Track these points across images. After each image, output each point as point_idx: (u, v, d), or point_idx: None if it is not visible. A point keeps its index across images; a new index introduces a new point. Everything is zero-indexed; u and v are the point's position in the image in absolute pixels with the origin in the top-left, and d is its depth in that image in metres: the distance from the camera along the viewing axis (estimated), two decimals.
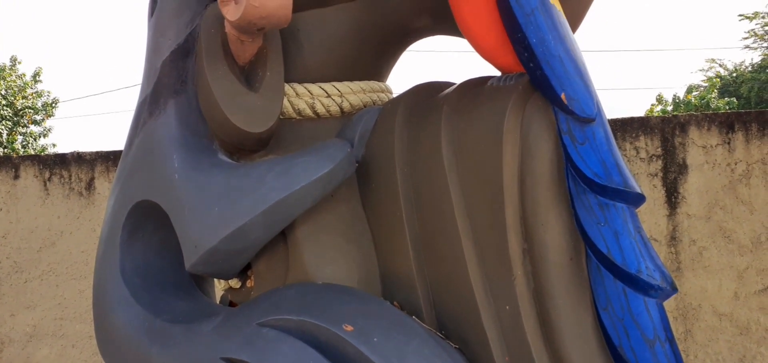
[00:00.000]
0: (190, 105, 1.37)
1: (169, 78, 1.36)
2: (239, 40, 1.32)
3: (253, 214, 1.25)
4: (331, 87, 1.52)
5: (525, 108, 1.24)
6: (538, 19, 1.20)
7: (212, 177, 1.31)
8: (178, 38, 1.35)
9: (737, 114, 3.26)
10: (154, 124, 1.38)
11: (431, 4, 1.50)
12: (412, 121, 1.40)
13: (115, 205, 1.45)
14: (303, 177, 1.29)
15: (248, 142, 1.38)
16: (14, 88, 12.08)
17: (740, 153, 3.21)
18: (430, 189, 1.33)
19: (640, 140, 3.25)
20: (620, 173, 1.19)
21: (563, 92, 1.20)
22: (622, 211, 1.19)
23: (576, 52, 1.24)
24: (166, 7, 1.36)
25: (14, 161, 3.60)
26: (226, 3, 1.24)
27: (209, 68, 1.32)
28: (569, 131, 1.22)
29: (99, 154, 3.59)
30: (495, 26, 1.27)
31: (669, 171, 3.25)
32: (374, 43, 1.58)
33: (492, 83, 1.33)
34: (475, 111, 1.29)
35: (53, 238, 3.64)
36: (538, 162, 1.22)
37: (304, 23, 1.45)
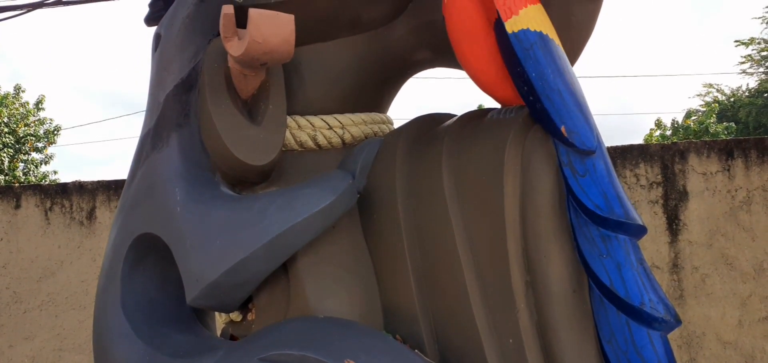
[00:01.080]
0: (192, 138, 1.38)
1: (172, 111, 1.37)
2: (242, 74, 1.34)
3: (255, 247, 1.25)
4: (332, 119, 1.53)
5: (525, 140, 1.25)
6: (537, 53, 1.21)
7: (214, 210, 1.31)
8: (181, 72, 1.37)
9: (736, 141, 3.27)
10: (156, 156, 1.38)
11: (431, 38, 1.52)
12: (413, 152, 1.41)
13: (117, 237, 1.45)
14: (305, 209, 1.29)
15: (250, 175, 1.39)
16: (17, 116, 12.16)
17: (740, 180, 3.22)
18: (431, 221, 1.33)
19: (640, 167, 3.26)
20: (621, 205, 1.19)
21: (563, 125, 1.21)
22: (624, 243, 1.19)
23: (575, 86, 1.25)
24: (170, 42, 1.38)
25: (15, 191, 3.60)
26: (229, 39, 1.26)
27: (212, 102, 1.33)
28: (570, 163, 1.22)
29: (100, 183, 3.60)
30: (494, 60, 1.28)
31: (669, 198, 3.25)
32: (375, 76, 1.59)
33: (492, 116, 1.34)
34: (475, 143, 1.30)
35: (53, 267, 3.63)
36: (539, 194, 1.23)
37: (306, 57, 1.47)
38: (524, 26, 1.21)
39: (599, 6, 1.39)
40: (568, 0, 1.32)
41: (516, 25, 1.21)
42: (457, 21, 1.30)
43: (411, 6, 1.54)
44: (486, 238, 1.25)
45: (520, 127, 1.25)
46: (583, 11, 1.36)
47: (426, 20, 1.52)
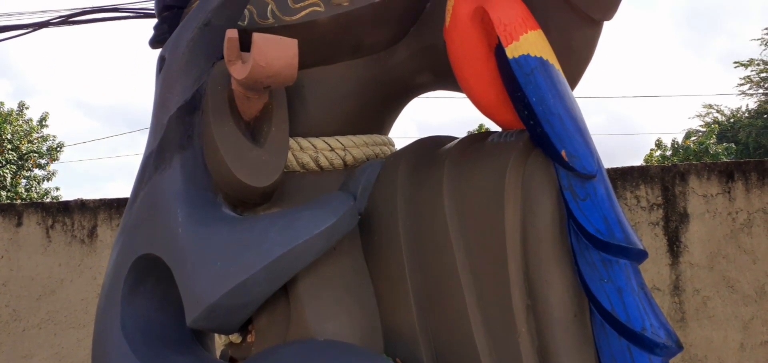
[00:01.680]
0: (195, 160, 1.38)
1: (175, 133, 1.38)
2: (245, 97, 1.35)
3: (256, 269, 1.25)
4: (334, 141, 1.54)
5: (526, 164, 1.26)
6: (538, 78, 1.22)
7: (215, 231, 1.31)
8: (185, 94, 1.38)
9: (736, 163, 3.28)
10: (159, 178, 1.39)
11: (432, 62, 1.54)
12: (414, 175, 1.42)
13: (118, 257, 1.45)
14: (306, 231, 1.30)
15: (252, 196, 1.40)
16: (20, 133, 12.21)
17: (741, 202, 3.22)
18: (432, 244, 1.33)
19: (641, 189, 3.26)
20: (622, 230, 1.20)
21: (563, 149, 1.21)
22: (625, 267, 1.19)
23: (575, 110, 1.26)
24: (174, 64, 1.39)
25: (17, 208, 3.61)
26: (233, 62, 1.27)
27: (215, 124, 1.34)
28: (570, 187, 1.23)
29: (102, 201, 3.60)
30: (495, 84, 1.30)
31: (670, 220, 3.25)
32: (377, 99, 1.61)
33: (493, 139, 1.35)
34: (476, 167, 1.31)
35: (53, 286, 3.62)
36: (540, 218, 1.23)
37: (309, 80, 1.48)
38: (525, 52, 1.23)
39: (599, 31, 1.40)
40: (568, 25, 1.34)
41: (517, 50, 1.23)
42: (459, 46, 1.32)
43: (412, 30, 1.56)
44: (487, 262, 1.25)
45: (521, 151, 1.26)
46: (583, 36, 1.38)
47: (427, 44, 1.54)
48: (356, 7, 1.43)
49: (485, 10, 1.24)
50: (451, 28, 1.32)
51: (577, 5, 1.31)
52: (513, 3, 1.27)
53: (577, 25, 1.35)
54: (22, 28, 5.13)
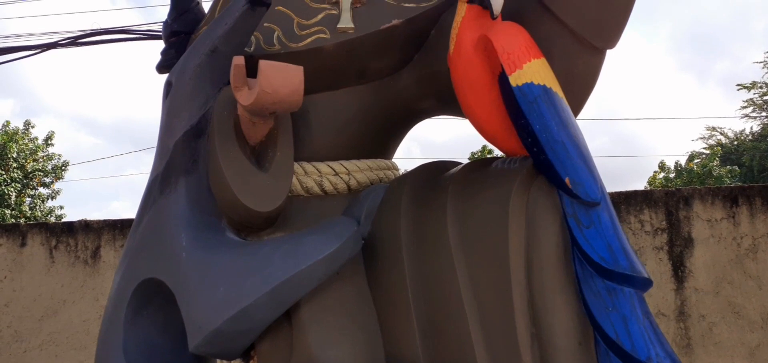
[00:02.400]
0: (200, 184, 1.39)
1: (181, 158, 1.39)
2: (251, 122, 1.36)
3: (259, 295, 1.25)
4: (338, 165, 1.55)
5: (530, 191, 1.26)
6: (541, 106, 1.23)
7: (219, 256, 1.31)
8: (191, 119, 1.39)
9: (741, 188, 3.27)
10: (164, 202, 1.40)
11: (436, 88, 1.55)
12: (418, 200, 1.42)
13: (122, 281, 1.45)
14: (309, 256, 1.29)
15: (256, 221, 1.40)
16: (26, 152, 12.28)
17: (746, 227, 3.20)
18: (436, 269, 1.32)
19: (645, 213, 3.25)
20: (627, 258, 1.19)
21: (567, 176, 1.21)
22: (630, 296, 1.19)
23: (579, 138, 1.26)
24: (181, 89, 1.41)
25: (21, 229, 3.61)
26: (239, 88, 1.29)
27: (221, 149, 1.35)
28: (574, 215, 1.23)
29: (106, 222, 3.61)
30: (499, 112, 1.30)
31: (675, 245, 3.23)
32: (381, 123, 1.62)
33: (496, 165, 1.35)
34: (480, 193, 1.31)
35: (56, 306, 3.61)
36: (544, 245, 1.23)
37: (314, 105, 1.49)
38: (528, 80, 1.24)
39: (602, 59, 1.41)
40: (572, 53, 1.35)
41: (520, 78, 1.23)
42: (462, 73, 1.33)
43: (417, 57, 1.58)
44: (491, 289, 1.24)
45: (525, 178, 1.26)
46: (586, 64, 1.39)
47: (431, 71, 1.55)
48: (361, 34, 1.45)
49: (489, 39, 1.26)
50: (455, 55, 1.33)
51: (580, 34, 1.32)
52: (516, 32, 1.28)
53: (580, 53, 1.36)
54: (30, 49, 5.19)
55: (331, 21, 1.46)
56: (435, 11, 1.53)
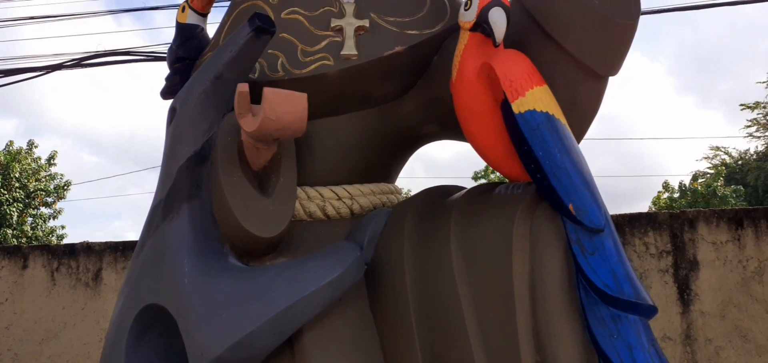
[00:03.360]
0: (203, 209, 1.39)
1: (184, 183, 1.39)
2: (255, 148, 1.37)
3: (261, 321, 1.24)
4: (341, 190, 1.55)
5: (533, 217, 1.25)
6: (544, 133, 1.23)
7: (221, 282, 1.31)
8: (195, 145, 1.39)
9: (745, 211, 3.26)
10: (166, 227, 1.40)
11: (439, 114, 1.56)
12: (421, 226, 1.41)
13: (123, 307, 1.44)
14: (312, 282, 1.29)
15: (259, 246, 1.39)
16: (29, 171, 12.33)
17: (751, 250, 3.18)
18: (440, 296, 1.32)
19: (649, 236, 3.24)
20: (631, 285, 1.18)
21: (571, 203, 1.21)
22: (635, 323, 1.18)
23: (582, 164, 1.26)
24: (185, 115, 1.41)
25: (23, 251, 3.61)
26: (243, 115, 1.29)
27: (224, 175, 1.35)
28: (578, 241, 1.22)
29: (108, 244, 3.61)
30: (502, 138, 1.30)
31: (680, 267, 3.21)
32: (384, 148, 1.62)
33: (500, 191, 1.35)
34: (484, 219, 1.31)
35: (56, 329, 3.59)
36: (548, 272, 1.22)
37: (317, 130, 1.50)
38: (531, 107, 1.24)
39: (604, 86, 1.42)
40: (574, 80, 1.35)
41: (522, 106, 1.24)
42: (465, 100, 1.33)
43: (419, 82, 1.59)
44: (495, 315, 1.23)
45: (528, 204, 1.26)
46: (588, 91, 1.39)
47: (433, 96, 1.55)
48: (365, 60, 1.46)
49: (491, 66, 1.26)
50: (458, 82, 1.34)
51: (582, 61, 1.32)
52: (519, 59, 1.29)
53: (583, 80, 1.36)
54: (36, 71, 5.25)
55: (335, 48, 1.47)
56: (437, 38, 1.54)
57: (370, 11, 1.51)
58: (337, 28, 1.49)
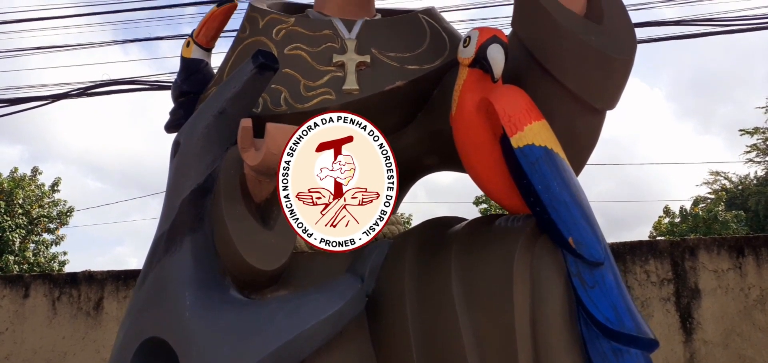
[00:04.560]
0: (206, 242, 1.40)
1: (187, 216, 1.41)
2: (257, 180, 1.38)
3: (262, 355, 1.24)
4: None
5: (534, 250, 1.26)
6: (543, 167, 1.25)
7: (223, 315, 1.31)
8: (198, 178, 1.41)
9: (746, 239, 3.26)
10: (169, 260, 1.40)
11: (439, 146, 1.57)
12: (422, 258, 1.42)
13: (125, 339, 1.44)
14: (313, 316, 1.29)
15: (261, 279, 1.40)
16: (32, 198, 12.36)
17: (753, 278, 3.17)
18: (440, 329, 1.31)
19: (650, 264, 3.23)
20: (632, 319, 1.19)
21: (571, 236, 1.22)
22: (637, 357, 1.18)
23: (581, 198, 1.27)
24: (189, 149, 1.43)
25: (25, 280, 3.61)
26: (246, 149, 1.31)
27: (226, 208, 1.36)
28: (579, 274, 1.23)
29: (110, 273, 3.60)
30: (501, 171, 1.32)
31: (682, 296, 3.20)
32: None
33: (500, 223, 1.36)
34: (484, 251, 1.31)
35: (56, 359, 3.57)
36: (549, 305, 1.22)
37: None
38: (529, 142, 1.26)
39: (602, 119, 1.44)
40: (572, 114, 1.37)
41: (521, 140, 1.26)
42: (465, 134, 1.35)
43: (420, 115, 1.61)
44: (496, 349, 1.23)
45: (529, 237, 1.27)
46: (586, 125, 1.41)
47: (434, 129, 1.57)
48: (366, 95, 1.49)
49: (490, 102, 1.28)
50: (458, 116, 1.36)
51: (580, 96, 1.34)
52: (517, 95, 1.31)
53: (581, 114, 1.38)
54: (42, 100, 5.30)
55: (337, 83, 1.49)
56: (437, 73, 1.57)
57: (371, 47, 1.54)
58: (338, 63, 1.51)
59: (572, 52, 1.32)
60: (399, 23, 1.65)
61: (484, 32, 1.30)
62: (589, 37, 1.32)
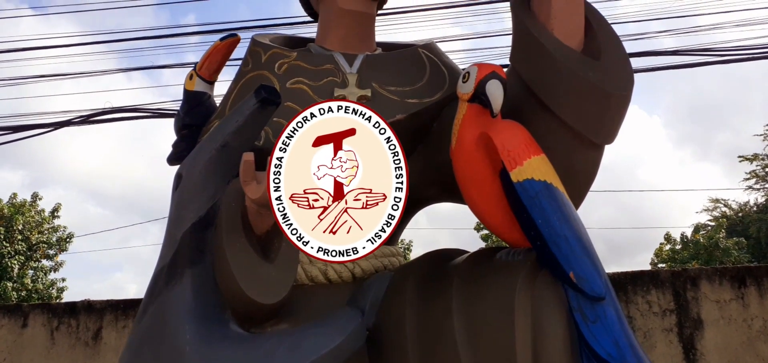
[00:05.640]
0: (206, 275, 1.40)
1: (188, 249, 1.41)
2: (258, 213, 1.39)
3: None
4: None
5: (535, 285, 1.26)
6: (543, 202, 1.25)
7: (222, 350, 1.30)
8: (199, 211, 1.41)
9: (748, 268, 3.24)
10: (169, 293, 1.40)
11: (439, 178, 1.58)
12: (423, 291, 1.42)
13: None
14: (313, 351, 1.28)
15: (261, 313, 1.40)
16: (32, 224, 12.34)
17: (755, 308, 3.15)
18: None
19: (652, 294, 3.21)
20: (634, 354, 1.18)
21: (572, 271, 1.22)
22: None
23: (581, 232, 1.28)
24: (191, 182, 1.44)
25: (24, 309, 3.59)
26: (248, 182, 1.32)
27: (228, 241, 1.37)
28: (580, 309, 1.23)
29: (109, 302, 3.58)
30: (501, 205, 1.32)
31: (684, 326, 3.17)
32: None
33: (501, 257, 1.36)
34: (485, 286, 1.31)
35: None
36: (551, 340, 1.21)
37: None
38: (529, 176, 1.26)
39: (601, 153, 1.45)
40: (570, 149, 1.38)
41: (521, 175, 1.26)
42: (464, 167, 1.36)
43: (420, 148, 1.62)
44: None
45: (530, 271, 1.26)
46: (585, 159, 1.42)
47: (433, 161, 1.58)
48: None
49: (489, 137, 1.29)
50: (457, 150, 1.37)
51: (578, 130, 1.36)
52: (516, 129, 1.32)
53: (579, 149, 1.39)
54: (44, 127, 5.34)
55: None
56: (436, 106, 1.58)
57: (371, 81, 1.56)
58: (340, 97, 1.53)
59: (570, 87, 1.34)
60: (399, 58, 1.67)
61: (483, 68, 1.32)
62: (587, 72, 1.34)
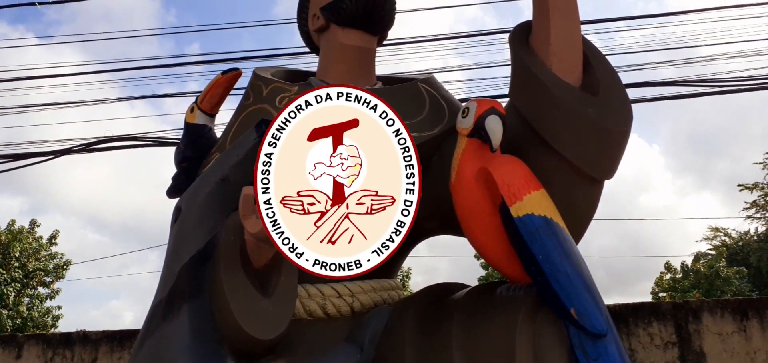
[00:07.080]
0: (204, 310, 1.38)
1: (186, 283, 1.40)
2: (257, 247, 1.38)
3: None
4: (342, 287, 1.55)
5: (535, 321, 1.25)
6: (543, 237, 1.25)
7: None
8: (198, 245, 1.41)
9: (749, 301, 3.22)
10: (166, 328, 1.38)
11: (439, 211, 1.58)
12: (423, 327, 1.40)
13: None
14: None
15: (258, 348, 1.38)
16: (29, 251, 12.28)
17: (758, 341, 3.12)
18: None
19: (653, 327, 3.19)
20: None
21: (573, 307, 1.21)
22: None
23: (582, 268, 1.27)
24: (190, 215, 1.44)
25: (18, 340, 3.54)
26: (247, 216, 1.32)
27: (226, 277, 1.36)
28: (581, 346, 1.21)
29: (105, 333, 3.54)
30: (502, 240, 1.32)
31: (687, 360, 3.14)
32: None
33: (501, 292, 1.35)
34: (486, 322, 1.30)
35: None
36: None
37: None
38: (529, 211, 1.26)
39: (600, 188, 1.45)
40: (570, 184, 1.39)
41: (520, 210, 1.26)
42: (464, 201, 1.36)
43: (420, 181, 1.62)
44: None
45: (530, 308, 1.26)
46: (585, 194, 1.42)
47: (433, 194, 1.58)
48: None
49: (489, 171, 1.30)
50: (457, 184, 1.37)
51: (578, 165, 1.36)
52: (516, 164, 1.32)
53: (579, 184, 1.39)
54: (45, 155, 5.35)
55: None
56: (436, 140, 1.59)
57: None
58: None
59: (569, 123, 1.34)
60: (399, 92, 1.68)
61: (483, 104, 1.33)
62: (586, 108, 1.34)
